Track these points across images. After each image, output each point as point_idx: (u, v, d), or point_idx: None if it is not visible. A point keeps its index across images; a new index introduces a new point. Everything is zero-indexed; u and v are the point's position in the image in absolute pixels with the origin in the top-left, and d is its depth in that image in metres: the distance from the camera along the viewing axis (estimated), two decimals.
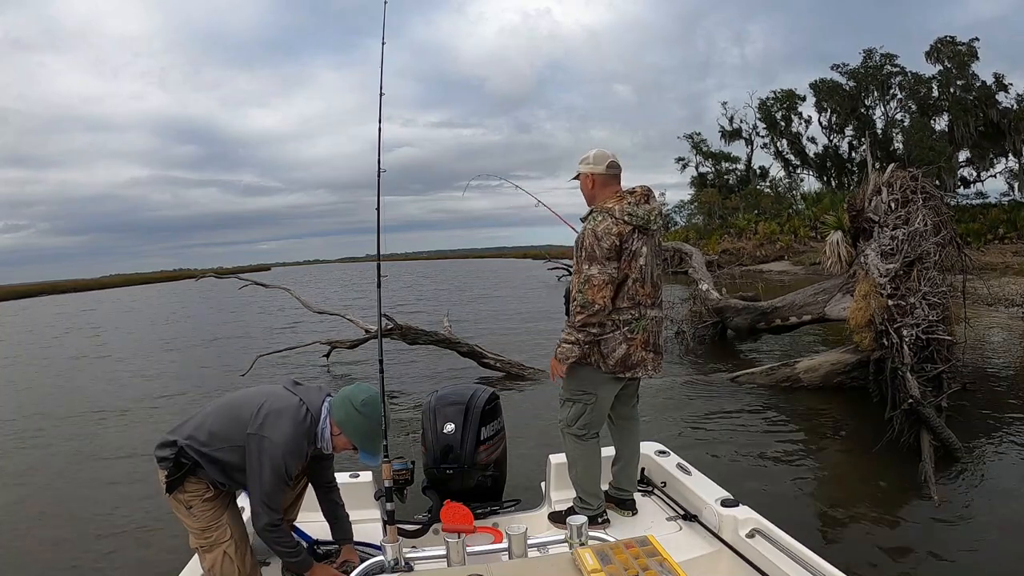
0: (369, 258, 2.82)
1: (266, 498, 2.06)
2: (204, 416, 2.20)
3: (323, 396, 2.23)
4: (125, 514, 4.38)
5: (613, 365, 2.57)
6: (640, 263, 2.55)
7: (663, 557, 1.54)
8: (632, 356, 2.58)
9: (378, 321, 2.77)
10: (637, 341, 2.58)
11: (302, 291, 11.83)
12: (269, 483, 2.05)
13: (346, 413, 2.16)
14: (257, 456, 2.04)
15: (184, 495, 2.13)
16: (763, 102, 40.25)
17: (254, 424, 2.07)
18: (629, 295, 2.55)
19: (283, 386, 2.24)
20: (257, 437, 2.05)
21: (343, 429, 2.17)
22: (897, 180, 6.87)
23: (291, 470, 2.11)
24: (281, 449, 2.05)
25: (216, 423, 2.15)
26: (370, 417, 2.18)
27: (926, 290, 5.74)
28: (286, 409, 2.11)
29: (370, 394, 2.21)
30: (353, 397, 2.17)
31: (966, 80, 31.46)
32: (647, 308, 2.59)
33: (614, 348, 2.56)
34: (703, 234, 36.12)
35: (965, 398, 5.87)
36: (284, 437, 2.06)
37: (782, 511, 3.72)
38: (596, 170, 2.66)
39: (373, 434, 2.22)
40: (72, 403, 8.31)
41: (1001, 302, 12.14)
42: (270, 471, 2.04)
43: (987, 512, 3.79)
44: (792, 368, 7.01)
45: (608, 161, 2.66)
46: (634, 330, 2.57)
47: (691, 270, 10.71)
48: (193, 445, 2.11)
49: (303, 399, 2.16)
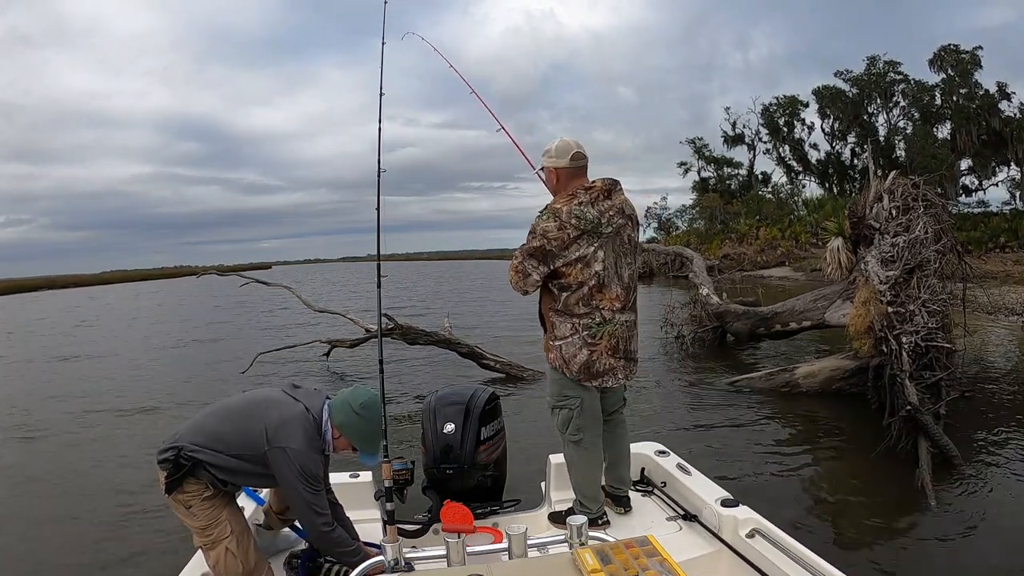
0: (370, 258, 2.83)
1: (310, 505, 2.11)
2: (204, 418, 2.22)
3: (322, 399, 2.25)
4: (125, 512, 4.39)
5: (576, 372, 2.48)
6: (596, 269, 2.41)
7: (663, 557, 1.54)
8: (597, 363, 2.47)
9: (378, 321, 2.79)
10: (602, 347, 2.46)
11: (305, 290, 11.85)
12: (306, 489, 2.09)
13: (346, 416, 2.18)
14: (287, 468, 2.08)
15: (183, 495, 2.14)
16: (766, 108, 40.29)
17: (271, 438, 2.09)
18: (585, 301, 2.43)
19: (283, 391, 2.26)
20: (279, 450, 2.08)
21: (343, 431, 2.19)
22: (898, 187, 6.88)
23: (319, 471, 2.15)
24: (305, 455, 2.09)
25: (219, 427, 2.17)
26: (370, 419, 2.20)
27: (926, 297, 5.75)
28: (296, 417, 2.14)
29: (369, 396, 2.23)
30: (353, 400, 2.19)
31: (969, 88, 31.48)
32: (614, 313, 2.47)
33: (574, 353, 2.46)
34: (704, 239, 36.10)
35: (964, 406, 5.87)
36: (302, 443, 2.10)
37: (782, 511, 3.74)
38: (560, 164, 2.50)
39: (373, 436, 2.24)
40: (73, 402, 8.32)
41: (1001, 311, 12.12)
42: (303, 478, 2.08)
43: (984, 519, 3.79)
44: (791, 373, 7.01)
45: (572, 153, 2.48)
46: (596, 335, 2.45)
47: (692, 275, 10.72)
48: (194, 447, 2.12)
49: (306, 404, 2.19)
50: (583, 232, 2.38)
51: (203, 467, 2.12)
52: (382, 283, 2.76)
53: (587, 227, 2.39)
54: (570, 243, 2.38)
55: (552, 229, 2.39)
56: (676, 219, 45.39)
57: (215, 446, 2.13)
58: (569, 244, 2.39)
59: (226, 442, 2.13)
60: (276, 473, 2.10)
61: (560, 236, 2.38)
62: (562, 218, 2.39)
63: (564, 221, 2.38)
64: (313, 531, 2.16)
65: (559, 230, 2.38)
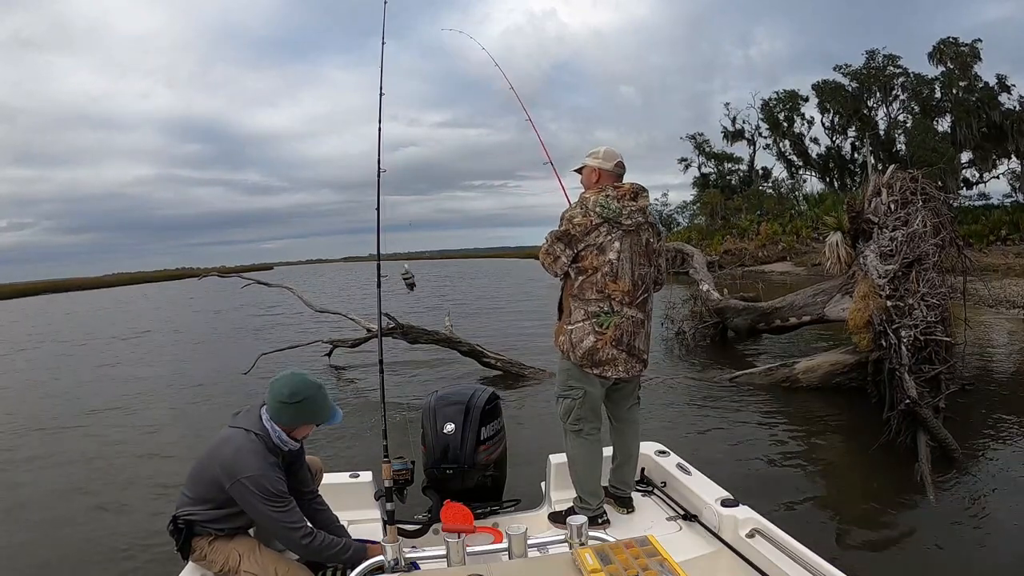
0: (371, 257, 2.84)
1: (283, 524, 2.14)
2: (185, 482, 2.31)
3: (259, 408, 2.27)
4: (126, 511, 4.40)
5: (580, 357, 2.60)
6: (610, 257, 2.56)
7: (663, 557, 1.55)
8: (600, 351, 2.59)
9: (378, 320, 2.80)
10: (607, 337, 2.58)
11: (311, 290, 11.83)
12: (273, 509, 2.12)
13: (284, 411, 2.21)
14: (250, 496, 2.10)
15: (195, 554, 2.25)
16: (766, 103, 40.19)
17: (225, 477, 2.12)
18: (598, 287, 2.57)
19: (228, 426, 2.29)
20: (236, 483, 2.10)
21: (292, 423, 2.23)
22: (897, 181, 6.87)
23: (280, 487, 2.16)
24: (261, 477, 2.11)
25: (195, 488, 2.25)
26: (308, 397, 2.22)
27: (925, 291, 5.75)
28: (240, 444, 2.16)
29: (288, 381, 2.23)
30: (280, 396, 2.21)
31: (969, 81, 31.40)
32: (623, 305, 2.59)
33: (581, 338, 2.59)
34: (706, 234, 36.08)
35: (964, 399, 5.88)
36: (253, 464, 2.12)
37: (782, 511, 3.76)
38: (604, 166, 2.72)
39: (321, 406, 2.26)
40: (85, 401, 8.34)
41: (1002, 303, 12.15)
42: (266, 500, 2.10)
43: (984, 512, 3.80)
44: (791, 368, 7.02)
45: (616, 160, 2.73)
46: (603, 324, 2.58)
47: (692, 271, 10.73)
48: (185, 512, 2.24)
49: (245, 426, 2.21)
50: (604, 220, 2.58)
51: (200, 526, 2.22)
52: (382, 283, 2.78)
53: (608, 215, 2.58)
54: (592, 229, 2.57)
55: (578, 215, 2.60)
56: (677, 215, 45.46)
57: (200, 505, 2.22)
58: (591, 230, 2.57)
59: (205, 498, 2.21)
60: (244, 507, 2.14)
61: (584, 222, 2.58)
62: (588, 206, 2.61)
63: (589, 209, 2.60)
64: (295, 547, 2.18)
65: (583, 216, 2.59)
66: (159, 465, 5.40)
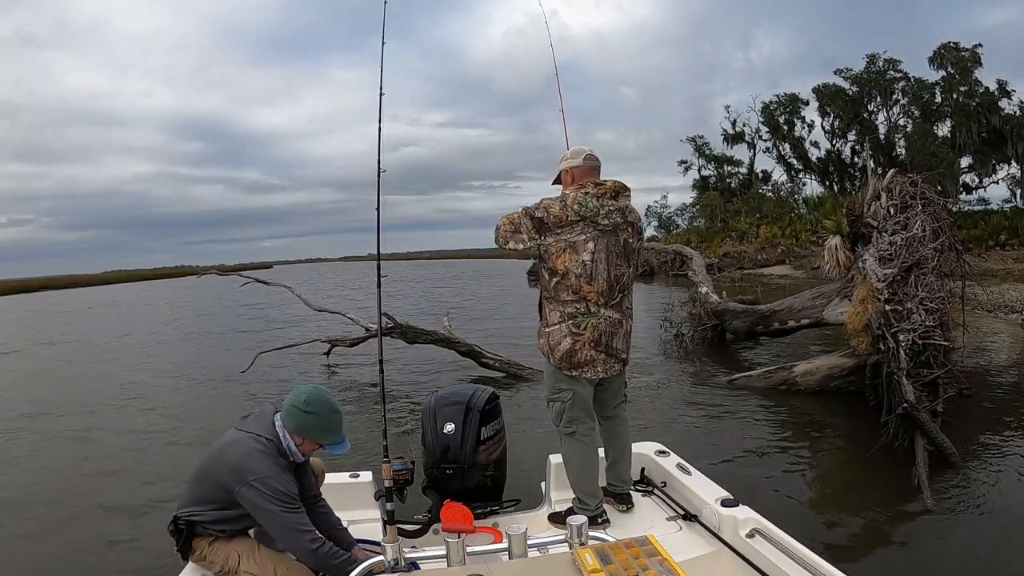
0: (370, 257, 2.84)
1: (293, 526, 2.12)
2: (187, 484, 2.32)
3: (271, 415, 2.27)
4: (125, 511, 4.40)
5: (559, 359, 2.58)
6: (583, 259, 2.52)
7: (663, 557, 1.55)
8: (578, 353, 2.57)
9: (378, 320, 2.79)
10: (584, 338, 2.56)
11: (313, 290, 11.83)
12: (284, 510, 2.11)
13: (297, 418, 2.20)
14: (260, 499, 2.09)
15: (195, 555, 2.26)
16: (766, 106, 40.27)
17: (233, 480, 2.11)
18: (572, 289, 2.55)
19: (234, 428, 2.29)
20: (246, 486, 2.09)
21: (301, 434, 2.22)
22: (896, 185, 6.88)
23: (291, 487, 2.16)
24: (272, 479, 2.11)
25: (198, 489, 2.26)
26: (320, 413, 2.22)
27: (923, 295, 5.75)
28: (251, 447, 2.16)
29: (311, 392, 2.25)
30: (296, 401, 2.21)
31: (969, 86, 31.47)
32: (599, 307, 2.57)
33: (559, 341, 2.57)
34: (705, 237, 36.09)
35: (962, 403, 5.88)
36: (262, 465, 2.11)
37: (782, 511, 3.75)
38: (574, 163, 2.71)
39: (330, 426, 2.26)
40: (82, 395, 8.34)
41: (1001, 308, 12.16)
42: (278, 501, 2.10)
43: (980, 516, 3.81)
44: (789, 372, 7.03)
45: (584, 154, 2.71)
46: (580, 325, 2.55)
47: (691, 273, 10.74)
48: (186, 513, 2.24)
49: (252, 431, 2.21)
50: (581, 218, 2.53)
51: (201, 527, 2.22)
52: (382, 282, 2.78)
53: (586, 214, 2.53)
54: (566, 224, 2.53)
55: (555, 208, 2.56)
56: (676, 217, 45.50)
57: (202, 506, 2.22)
58: (565, 225, 2.53)
59: (208, 500, 2.21)
60: (252, 511, 2.13)
61: (560, 215, 2.54)
62: (567, 202, 2.56)
63: (568, 204, 2.55)
64: (301, 551, 2.15)
65: (561, 210, 2.55)
66: (159, 465, 5.40)
